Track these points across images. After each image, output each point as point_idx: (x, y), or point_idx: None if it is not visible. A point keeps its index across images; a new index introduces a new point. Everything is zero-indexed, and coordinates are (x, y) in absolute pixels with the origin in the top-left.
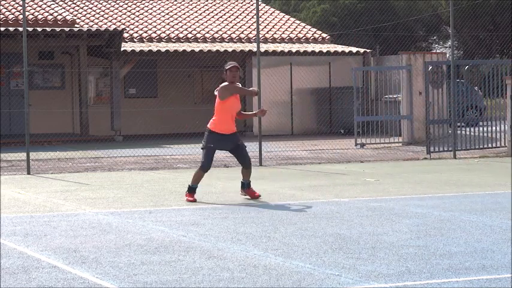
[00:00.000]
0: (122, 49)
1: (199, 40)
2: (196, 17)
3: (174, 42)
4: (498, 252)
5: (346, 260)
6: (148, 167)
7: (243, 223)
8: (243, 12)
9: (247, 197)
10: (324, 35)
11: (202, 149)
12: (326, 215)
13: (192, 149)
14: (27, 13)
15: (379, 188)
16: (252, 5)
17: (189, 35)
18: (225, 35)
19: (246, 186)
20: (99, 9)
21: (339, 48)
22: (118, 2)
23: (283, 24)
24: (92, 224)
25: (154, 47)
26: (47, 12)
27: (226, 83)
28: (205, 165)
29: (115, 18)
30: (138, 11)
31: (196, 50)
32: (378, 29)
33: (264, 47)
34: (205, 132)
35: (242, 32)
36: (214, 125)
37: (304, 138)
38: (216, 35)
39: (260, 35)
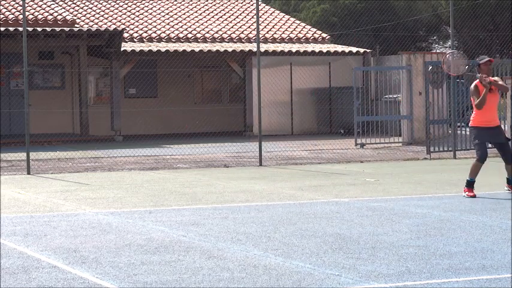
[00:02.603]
0: (122, 49)
1: (199, 40)
2: (196, 17)
3: (174, 42)
4: (498, 252)
5: (346, 260)
6: (148, 167)
7: (243, 223)
8: (243, 12)
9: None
10: (324, 35)
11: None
12: (326, 215)
13: (192, 149)
14: (27, 13)
15: (379, 188)
16: (252, 5)
17: (189, 35)
18: (225, 35)
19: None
20: (99, 9)
21: (339, 48)
22: (118, 2)
23: (283, 24)
24: (92, 224)
25: (154, 47)
26: (47, 12)
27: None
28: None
29: (115, 18)
30: (138, 11)
31: (196, 50)
32: (378, 29)
33: (264, 47)
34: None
35: (242, 32)
36: None
37: (304, 138)
38: (216, 35)
39: (260, 35)
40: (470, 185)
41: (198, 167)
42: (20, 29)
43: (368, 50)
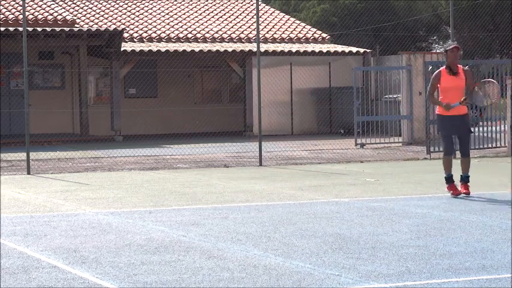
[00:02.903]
0: (122, 49)
1: (199, 40)
2: (196, 17)
3: (174, 42)
4: (498, 252)
5: (346, 260)
6: (148, 167)
7: (243, 223)
8: (243, 12)
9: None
10: (324, 35)
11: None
12: (326, 215)
13: (192, 149)
14: (27, 13)
15: (379, 188)
16: (252, 5)
17: (189, 35)
18: (225, 35)
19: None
20: (99, 9)
21: (339, 48)
22: (118, 2)
23: (283, 24)
24: (92, 224)
25: (154, 47)
26: (47, 12)
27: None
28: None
29: (115, 18)
30: (138, 11)
31: (196, 50)
32: (378, 29)
33: (264, 47)
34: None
35: (242, 32)
36: None
37: (304, 138)
38: (216, 35)
39: (260, 35)
40: (448, 181)
41: (198, 167)
42: (20, 29)
43: (368, 50)
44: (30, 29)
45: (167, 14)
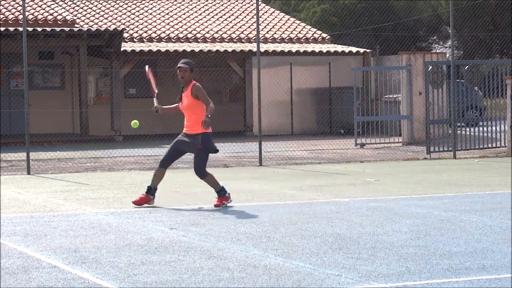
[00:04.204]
0: (122, 49)
1: (199, 40)
2: (196, 17)
3: (174, 42)
4: (498, 252)
5: (346, 260)
6: (148, 167)
7: (243, 223)
8: (243, 12)
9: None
10: (324, 35)
11: (214, 151)
12: (326, 215)
13: None
14: (27, 13)
15: (379, 188)
16: (252, 5)
17: (189, 35)
18: (225, 35)
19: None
20: (99, 9)
21: (339, 48)
22: (118, 2)
23: (283, 24)
24: (92, 224)
25: (154, 47)
26: (47, 12)
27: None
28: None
29: (115, 18)
30: (138, 11)
31: (196, 50)
32: (378, 29)
33: (264, 47)
34: (202, 135)
35: (242, 32)
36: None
37: (304, 138)
38: (216, 35)
39: (260, 35)
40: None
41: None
42: (20, 29)
43: (368, 50)
44: (30, 29)
45: (167, 14)
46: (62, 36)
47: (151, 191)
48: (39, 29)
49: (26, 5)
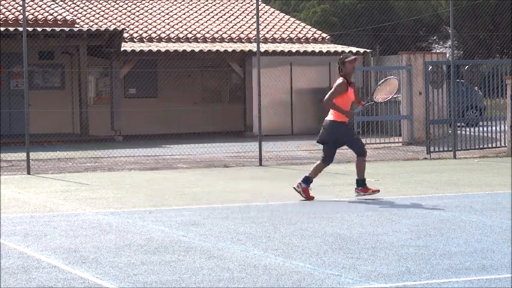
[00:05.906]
0: (122, 49)
1: (199, 40)
2: (196, 17)
3: (174, 42)
4: (498, 252)
5: (346, 260)
6: (148, 167)
7: (243, 223)
8: (243, 12)
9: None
10: (324, 35)
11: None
12: (326, 215)
13: (192, 149)
14: (27, 13)
15: (379, 188)
16: (252, 5)
17: (189, 35)
18: (225, 35)
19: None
20: (99, 9)
21: (339, 48)
22: (118, 2)
23: (283, 24)
24: (92, 224)
25: (154, 47)
26: (47, 12)
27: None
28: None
29: (115, 18)
30: (138, 11)
31: (196, 50)
32: (378, 29)
33: (264, 47)
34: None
35: (242, 32)
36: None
37: (304, 138)
38: (216, 35)
39: (260, 35)
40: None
41: (198, 167)
42: (20, 29)
43: (368, 50)
44: (30, 29)
45: (167, 14)
46: (62, 36)
47: (360, 182)
48: (39, 29)
49: (26, 5)
